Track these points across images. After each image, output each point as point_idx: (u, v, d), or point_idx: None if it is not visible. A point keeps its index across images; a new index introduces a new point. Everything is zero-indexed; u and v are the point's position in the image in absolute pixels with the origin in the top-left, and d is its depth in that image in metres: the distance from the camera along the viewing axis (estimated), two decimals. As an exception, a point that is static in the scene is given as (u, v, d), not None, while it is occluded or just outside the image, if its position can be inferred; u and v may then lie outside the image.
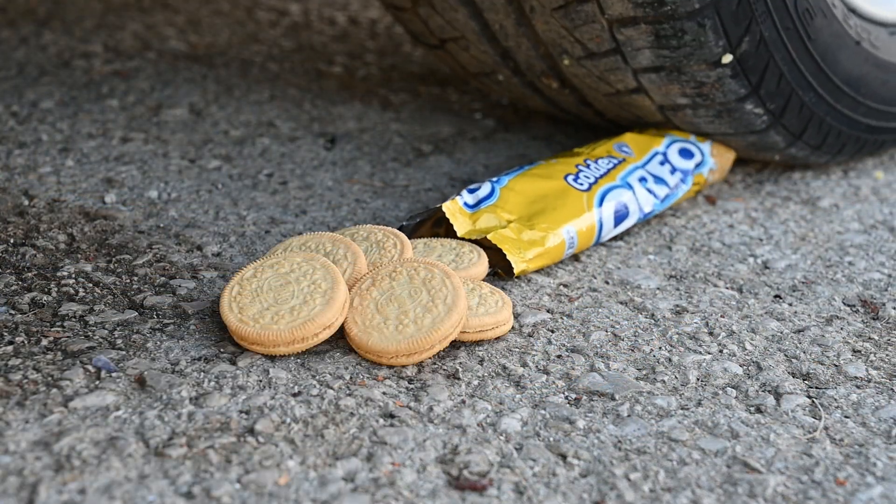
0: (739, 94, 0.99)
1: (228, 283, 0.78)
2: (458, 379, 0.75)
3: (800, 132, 1.05)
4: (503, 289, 0.88)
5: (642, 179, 0.99)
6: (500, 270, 0.90)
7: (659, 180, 1.00)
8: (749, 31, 0.94)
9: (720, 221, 1.04)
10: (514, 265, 0.88)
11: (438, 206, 0.92)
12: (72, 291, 0.83)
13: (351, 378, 0.74)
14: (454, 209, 0.91)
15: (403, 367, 0.76)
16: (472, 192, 0.93)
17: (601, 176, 0.97)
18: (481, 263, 0.86)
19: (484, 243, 0.91)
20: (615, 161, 1.00)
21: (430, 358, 0.76)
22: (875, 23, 1.08)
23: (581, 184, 0.96)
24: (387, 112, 1.29)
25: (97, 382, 0.71)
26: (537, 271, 0.91)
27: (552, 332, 0.82)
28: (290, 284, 0.77)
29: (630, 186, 0.98)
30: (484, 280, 0.88)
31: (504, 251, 0.88)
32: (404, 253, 0.82)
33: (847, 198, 1.11)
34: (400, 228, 0.91)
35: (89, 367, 0.73)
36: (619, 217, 0.96)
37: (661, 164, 1.02)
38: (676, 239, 1.00)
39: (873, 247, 1.00)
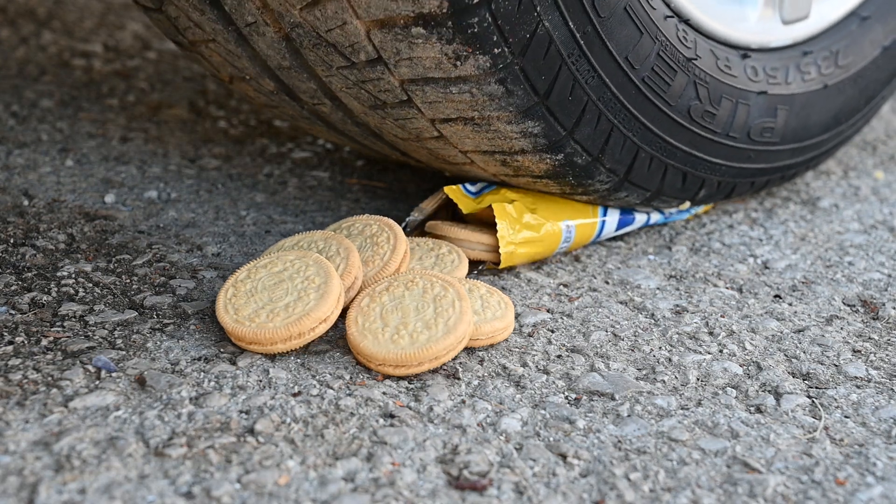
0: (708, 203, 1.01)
1: (223, 287, 0.78)
2: (458, 379, 0.75)
3: (785, 180, 1.05)
4: (503, 289, 0.88)
5: None
6: (491, 263, 0.90)
7: None
8: (705, 185, 0.94)
9: (720, 221, 1.04)
10: (501, 242, 0.87)
11: (441, 190, 0.92)
12: (72, 291, 0.83)
13: (351, 378, 0.74)
14: (456, 192, 0.91)
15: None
16: (474, 183, 0.93)
17: None
18: (462, 266, 0.86)
19: (485, 217, 0.91)
20: None
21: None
22: (838, 26, 1.02)
23: None
24: (387, 112, 1.29)
25: (97, 382, 0.71)
26: (537, 270, 0.91)
27: (552, 332, 0.82)
28: (283, 282, 0.77)
29: None
30: (481, 280, 0.88)
31: (497, 224, 0.87)
32: (398, 248, 0.82)
33: (847, 198, 1.11)
34: (405, 226, 0.92)
35: (89, 367, 0.73)
36: (622, 223, 0.96)
37: None
38: (676, 239, 1.00)
39: (873, 247, 1.00)
